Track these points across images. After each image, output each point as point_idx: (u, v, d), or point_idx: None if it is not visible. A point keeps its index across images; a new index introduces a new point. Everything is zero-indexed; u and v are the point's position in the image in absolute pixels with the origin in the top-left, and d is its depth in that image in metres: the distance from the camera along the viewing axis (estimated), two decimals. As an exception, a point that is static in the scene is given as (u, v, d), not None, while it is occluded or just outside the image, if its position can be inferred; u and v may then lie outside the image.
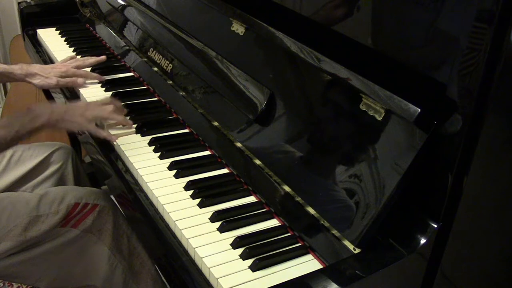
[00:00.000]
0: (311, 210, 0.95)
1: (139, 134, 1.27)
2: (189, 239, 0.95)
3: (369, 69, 0.90)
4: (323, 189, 0.93)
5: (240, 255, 0.92)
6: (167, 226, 1.01)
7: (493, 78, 0.74)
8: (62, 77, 1.50)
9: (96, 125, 1.27)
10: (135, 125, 1.30)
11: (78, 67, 1.54)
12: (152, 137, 1.24)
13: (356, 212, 0.86)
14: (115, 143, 1.24)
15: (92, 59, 1.59)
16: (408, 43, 0.88)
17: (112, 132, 1.27)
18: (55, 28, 1.93)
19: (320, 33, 1.05)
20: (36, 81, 1.48)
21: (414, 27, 0.86)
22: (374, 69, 0.91)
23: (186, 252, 0.95)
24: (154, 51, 1.50)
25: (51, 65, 1.57)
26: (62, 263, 1.27)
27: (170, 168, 1.15)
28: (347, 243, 0.87)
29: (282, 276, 0.88)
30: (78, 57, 1.66)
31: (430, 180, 0.84)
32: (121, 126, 1.30)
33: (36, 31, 1.92)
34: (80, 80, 1.49)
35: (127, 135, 1.28)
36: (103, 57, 1.60)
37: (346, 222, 0.87)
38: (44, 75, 1.48)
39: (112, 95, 1.44)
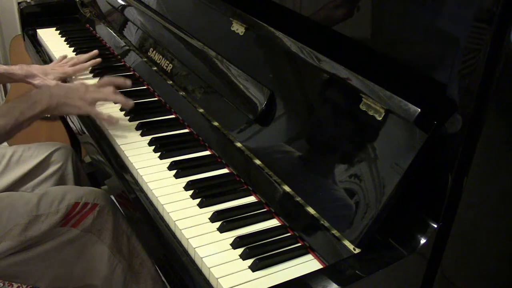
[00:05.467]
0: (311, 210, 0.94)
1: (139, 134, 1.27)
2: (189, 239, 0.95)
3: (369, 69, 0.90)
4: (323, 189, 0.93)
5: (240, 255, 0.91)
6: (167, 226, 1.01)
7: (493, 78, 0.74)
8: (62, 79, 1.51)
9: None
10: (135, 123, 1.31)
11: (75, 65, 1.57)
12: (152, 137, 1.24)
13: (356, 212, 0.86)
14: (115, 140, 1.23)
15: (86, 55, 1.62)
16: (408, 43, 0.88)
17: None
18: (55, 28, 1.93)
19: (320, 33, 1.05)
20: (36, 81, 1.50)
21: (414, 26, 0.86)
22: (374, 69, 0.91)
23: (186, 252, 0.95)
24: (154, 51, 1.50)
25: (50, 66, 1.57)
26: (62, 263, 1.27)
27: (170, 168, 1.15)
28: (347, 243, 0.87)
29: (282, 276, 0.88)
30: (72, 54, 1.67)
31: (430, 180, 0.84)
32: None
33: (36, 31, 1.92)
34: None
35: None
36: (95, 51, 1.63)
37: (346, 222, 0.87)
38: (43, 76, 1.49)
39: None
